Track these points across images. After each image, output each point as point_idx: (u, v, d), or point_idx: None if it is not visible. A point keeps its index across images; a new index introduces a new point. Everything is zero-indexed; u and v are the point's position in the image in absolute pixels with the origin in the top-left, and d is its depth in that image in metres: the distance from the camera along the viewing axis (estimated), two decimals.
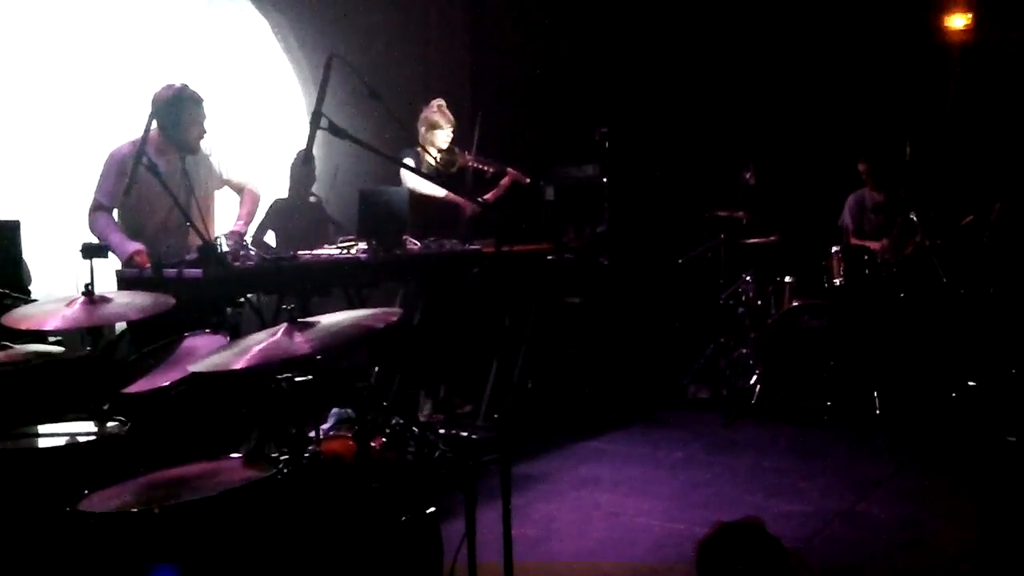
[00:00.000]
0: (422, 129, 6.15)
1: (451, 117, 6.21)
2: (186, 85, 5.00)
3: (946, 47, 7.96)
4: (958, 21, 7.98)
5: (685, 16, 8.41)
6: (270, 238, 6.39)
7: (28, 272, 5.07)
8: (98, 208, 5.03)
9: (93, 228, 4.98)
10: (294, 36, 7.35)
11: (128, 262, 4.84)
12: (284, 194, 6.71)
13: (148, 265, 4.73)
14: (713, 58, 8.35)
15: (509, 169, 6.35)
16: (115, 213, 5.12)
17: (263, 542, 2.65)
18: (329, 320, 2.93)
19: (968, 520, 4.43)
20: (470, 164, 6.19)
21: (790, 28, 8.09)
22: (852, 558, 4.09)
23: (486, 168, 6.29)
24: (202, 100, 5.00)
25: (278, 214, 6.56)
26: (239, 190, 5.45)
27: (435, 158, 6.08)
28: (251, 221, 5.49)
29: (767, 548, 2.79)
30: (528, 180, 6.46)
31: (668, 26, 8.44)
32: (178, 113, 4.90)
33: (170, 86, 4.98)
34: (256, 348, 2.76)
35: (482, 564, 3.10)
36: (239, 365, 2.70)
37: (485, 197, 6.21)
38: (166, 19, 6.51)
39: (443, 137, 6.16)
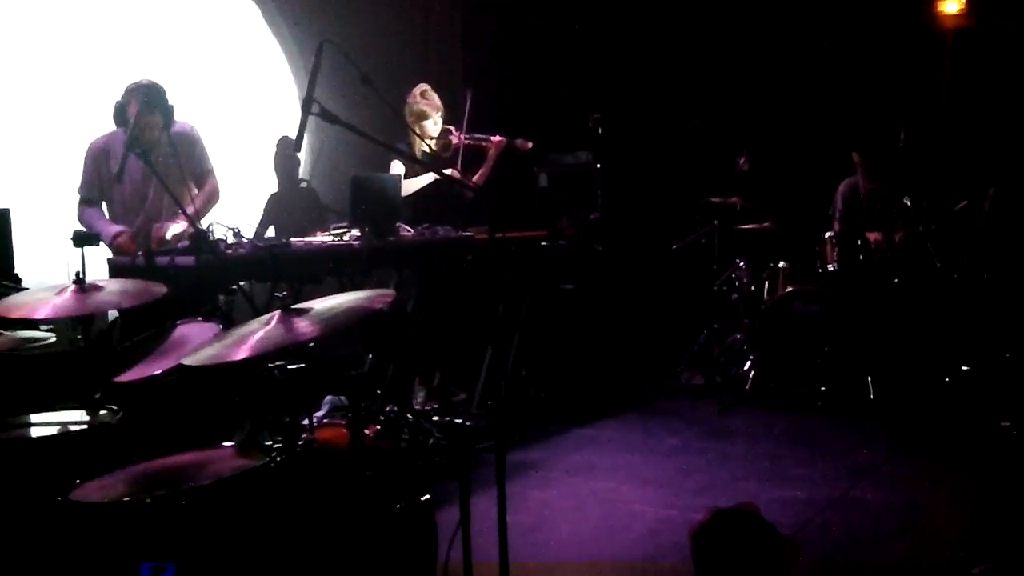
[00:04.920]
0: (411, 120, 6.04)
1: (437, 102, 6.07)
2: (142, 84, 4.92)
3: (940, 32, 7.94)
4: (952, 6, 7.97)
5: (678, 3, 8.38)
6: (271, 234, 6.38)
7: None
8: (81, 201, 5.11)
9: (81, 221, 5.04)
10: (285, 22, 7.31)
11: (112, 245, 4.86)
12: (275, 186, 6.70)
13: (133, 248, 4.75)
14: (706, 44, 8.33)
15: (493, 138, 6.21)
16: (104, 204, 5.15)
17: (256, 531, 2.63)
18: (323, 305, 2.91)
19: (963, 505, 4.44)
20: (463, 143, 6.11)
21: (783, 14, 8.07)
22: (847, 544, 4.09)
23: (482, 143, 6.18)
24: (153, 104, 4.88)
25: (276, 207, 6.55)
26: (203, 184, 5.34)
27: (429, 146, 6.03)
28: (204, 211, 5.20)
29: (763, 534, 2.78)
30: (530, 145, 6.30)
31: (661, 13, 8.42)
32: (124, 108, 4.87)
33: (134, 82, 4.95)
34: (254, 337, 2.72)
35: (477, 552, 3.09)
36: (239, 356, 2.66)
37: (475, 180, 6.13)
38: (158, 6, 6.48)
39: (432, 125, 6.06)
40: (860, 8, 7.83)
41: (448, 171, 5.84)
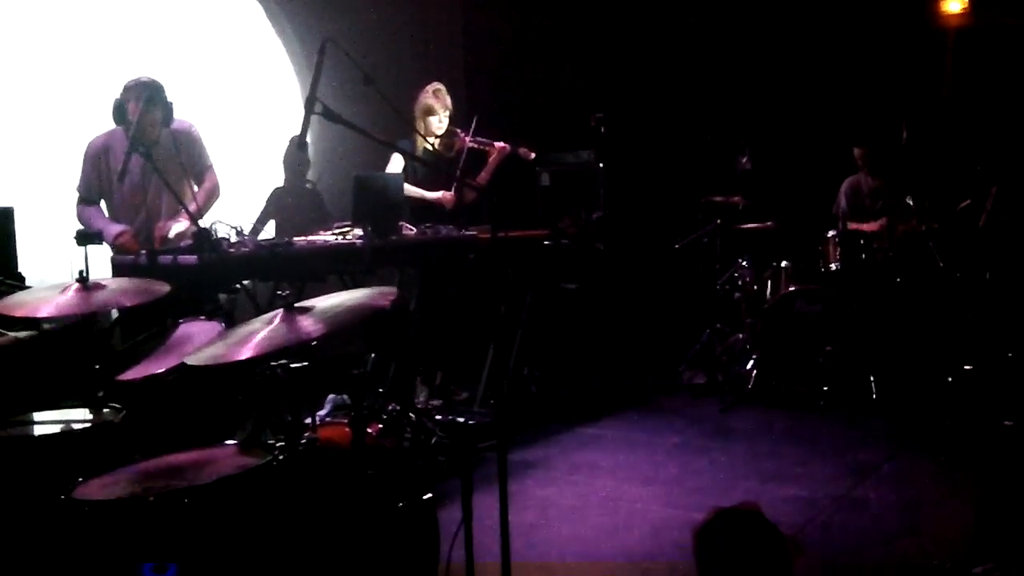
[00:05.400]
0: (417, 114, 6.10)
1: (447, 102, 6.11)
2: (142, 82, 4.92)
3: (942, 31, 7.94)
4: (954, 5, 7.96)
5: (680, 2, 8.38)
6: (270, 228, 6.38)
7: None
8: (80, 201, 5.12)
9: (80, 220, 5.04)
10: (288, 22, 7.32)
11: (114, 245, 4.87)
12: (280, 182, 6.70)
13: (135, 246, 4.77)
14: (708, 43, 8.33)
15: (496, 144, 6.23)
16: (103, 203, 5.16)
17: (259, 530, 2.64)
18: (326, 303, 2.91)
19: (964, 505, 4.44)
20: (468, 145, 6.12)
21: (785, 12, 8.06)
22: (849, 543, 4.09)
23: (486, 148, 6.20)
24: (154, 102, 4.88)
25: (277, 202, 6.56)
26: (203, 181, 5.34)
27: (432, 145, 6.04)
28: (205, 208, 5.17)
29: (764, 534, 2.78)
30: (533, 155, 6.33)
31: (663, 11, 8.41)
32: (123, 106, 4.88)
33: (132, 79, 4.95)
34: (257, 337, 2.72)
35: (479, 550, 3.09)
36: (243, 356, 2.66)
37: (477, 180, 6.15)
38: (161, 5, 6.48)
39: (436, 123, 6.09)
40: (863, 6, 7.83)
41: (439, 194, 5.92)
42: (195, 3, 6.72)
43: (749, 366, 6.61)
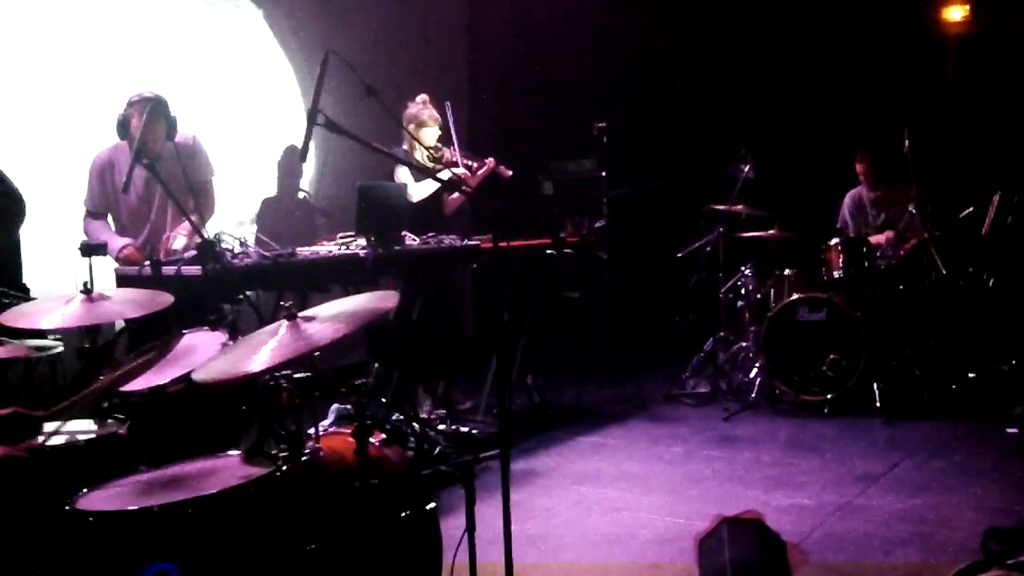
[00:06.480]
0: (410, 127, 6.07)
1: (436, 114, 6.14)
2: (145, 96, 4.94)
3: (943, 38, 7.95)
4: (955, 13, 7.98)
5: (682, 9, 8.40)
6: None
7: None
8: (87, 215, 5.13)
9: (87, 235, 5.07)
10: (291, 32, 7.34)
11: (119, 258, 4.88)
12: (272, 192, 6.72)
13: (140, 259, 4.78)
14: (711, 52, 8.35)
15: (487, 160, 6.25)
16: (110, 217, 5.18)
17: (262, 540, 2.64)
18: (329, 311, 2.92)
19: (969, 512, 4.44)
20: (455, 161, 6.14)
21: (787, 20, 8.08)
22: (852, 551, 4.09)
23: (472, 164, 6.22)
24: (158, 114, 4.90)
25: (266, 211, 6.57)
26: (203, 194, 5.35)
27: (424, 154, 6.05)
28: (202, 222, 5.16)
29: (767, 542, 2.79)
30: (510, 173, 6.35)
31: (664, 20, 8.43)
32: (126, 121, 4.89)
33: (136, 94, 4.97)
34: (268, 348, 2.73)
35: (482, 560, 3.09)
36: (256, 368, 2.67)
37: (468, 185, 6.15)
38: (164, 16, 6.50)
39: (430, 134, 6.09)
40: (864, 14, 7.84)
41: (451, 171, 5.91)
42: (199, 15, 6.75)
43: (752, 374, 6.62)
